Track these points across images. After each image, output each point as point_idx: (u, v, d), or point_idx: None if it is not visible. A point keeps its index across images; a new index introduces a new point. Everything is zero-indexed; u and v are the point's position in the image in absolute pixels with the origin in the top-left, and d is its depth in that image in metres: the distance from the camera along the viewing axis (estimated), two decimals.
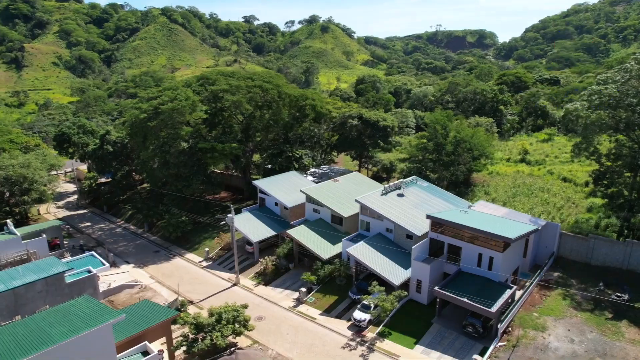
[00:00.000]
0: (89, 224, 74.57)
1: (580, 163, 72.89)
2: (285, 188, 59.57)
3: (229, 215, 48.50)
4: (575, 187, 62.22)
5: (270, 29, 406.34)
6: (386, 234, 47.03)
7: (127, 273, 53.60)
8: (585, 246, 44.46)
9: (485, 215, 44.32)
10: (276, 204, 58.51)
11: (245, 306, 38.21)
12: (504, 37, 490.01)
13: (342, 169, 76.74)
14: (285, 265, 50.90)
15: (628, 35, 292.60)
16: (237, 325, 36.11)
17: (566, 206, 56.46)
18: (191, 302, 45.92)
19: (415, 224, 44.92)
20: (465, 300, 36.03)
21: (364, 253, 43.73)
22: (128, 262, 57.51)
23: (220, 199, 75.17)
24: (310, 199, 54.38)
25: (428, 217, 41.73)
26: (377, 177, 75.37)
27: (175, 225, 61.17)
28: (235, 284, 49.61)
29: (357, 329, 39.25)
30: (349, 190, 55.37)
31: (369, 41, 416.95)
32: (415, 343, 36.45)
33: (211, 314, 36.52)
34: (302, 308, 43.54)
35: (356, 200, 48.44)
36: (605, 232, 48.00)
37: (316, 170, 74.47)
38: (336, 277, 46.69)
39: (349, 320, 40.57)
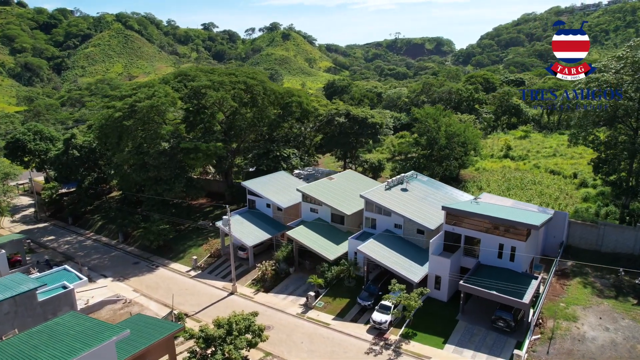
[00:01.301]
0: (52, 237, 67.20)
1: (562, 157, 74.29)
2: (276, 189, 55.99)
3: (224, 217, 44.37)
4: (565, 179, 62.78)
5: (231, 36, 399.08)
6: (394, 230, 44.46)
7: (106, 287, 47.82)
8: (595, 234, 43.89)
9: (497, 205, 42.84)
10: (268, 205, 54.76)
11: (255, 314, 34.13)
12: (460, 44, 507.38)
13: (326, 170, 73.95)
14: (286, 269, 47.10)
15: None
16: (250, 336, 32.14)
17: (561, 197, 56.53)
18: (186, 315, 41.14)
19: (426, 218, 42.73)
20: (495, 293, 33.98)
21: (376, 251, 40.90)
22: (105, 276, 51.57)
23: (200, 205, 70.16)
24: (307, 198, 51.07)
25: (444, 208, 39.64)
26: None
27: (156, 233, 55.63)
28: (232, 293, 45.23)
29: (378, 332, 36.20)
30: (346, 188, 52.70)
31: (330, 49, 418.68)
32: (444, 342, 33.89)
33: (219, 325, 32.24)
34: (312, 314, 39.96)
35: (361, 196, 45.66)
36: (606, 220, 47.89)
37: (302, 171, 71.28)
38: (344, 279, 43.54)
39: (366, 323, 37.45)
